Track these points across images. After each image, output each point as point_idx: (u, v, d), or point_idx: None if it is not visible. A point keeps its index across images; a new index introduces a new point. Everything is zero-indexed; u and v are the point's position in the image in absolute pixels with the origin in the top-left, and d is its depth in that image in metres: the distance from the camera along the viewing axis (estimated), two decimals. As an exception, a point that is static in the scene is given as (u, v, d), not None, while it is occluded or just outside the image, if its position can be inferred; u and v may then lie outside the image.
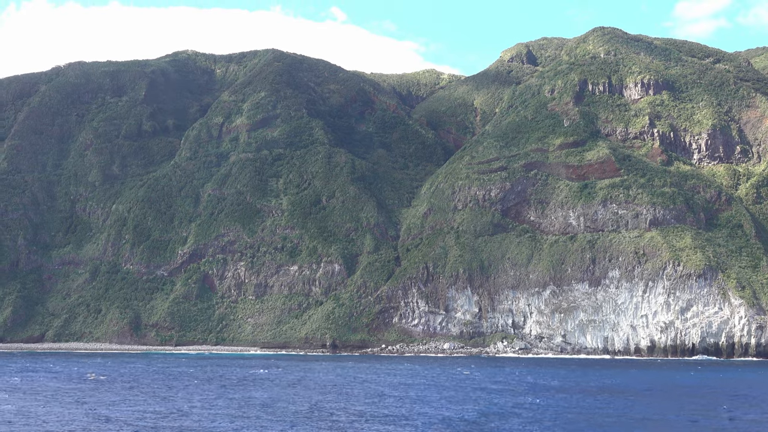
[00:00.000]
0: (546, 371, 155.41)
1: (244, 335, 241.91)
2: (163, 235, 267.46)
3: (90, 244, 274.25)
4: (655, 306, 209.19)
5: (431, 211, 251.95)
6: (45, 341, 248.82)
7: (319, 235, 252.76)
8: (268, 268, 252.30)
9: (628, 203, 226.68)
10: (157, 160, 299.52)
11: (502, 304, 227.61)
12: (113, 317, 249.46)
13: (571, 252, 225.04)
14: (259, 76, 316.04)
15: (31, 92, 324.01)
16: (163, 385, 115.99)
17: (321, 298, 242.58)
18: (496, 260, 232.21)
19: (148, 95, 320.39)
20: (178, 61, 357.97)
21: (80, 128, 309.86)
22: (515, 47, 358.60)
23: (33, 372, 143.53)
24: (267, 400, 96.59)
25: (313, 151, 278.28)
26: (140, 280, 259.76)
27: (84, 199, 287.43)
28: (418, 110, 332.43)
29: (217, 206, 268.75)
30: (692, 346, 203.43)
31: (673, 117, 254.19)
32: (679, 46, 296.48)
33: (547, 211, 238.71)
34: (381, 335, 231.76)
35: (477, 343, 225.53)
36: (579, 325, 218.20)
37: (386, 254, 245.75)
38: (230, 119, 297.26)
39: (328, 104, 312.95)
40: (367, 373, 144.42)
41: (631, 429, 75.90)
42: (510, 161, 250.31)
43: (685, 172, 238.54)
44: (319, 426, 75.65)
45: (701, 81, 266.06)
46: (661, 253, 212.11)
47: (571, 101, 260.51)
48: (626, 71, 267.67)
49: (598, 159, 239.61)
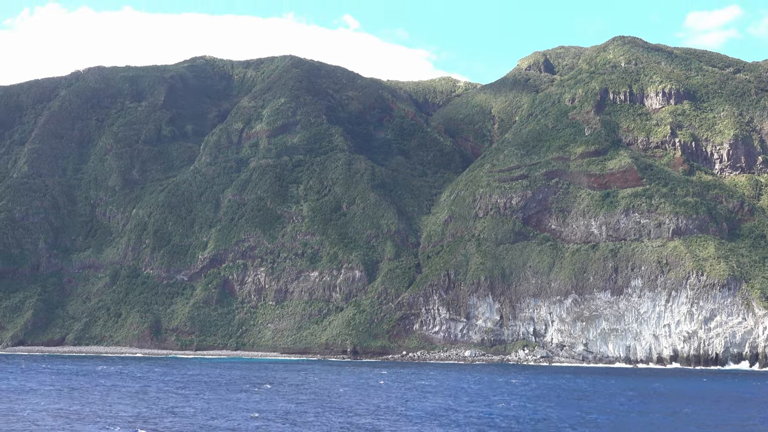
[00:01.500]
0: (600, 379, 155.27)
1: (265, 340, 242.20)
2: (183, 240, 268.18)
3: (110, 248, 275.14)
4: (678, 315, 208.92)
5: (452, 219, 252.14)
6: (65, 344, 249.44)
7: (340, 241, 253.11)
8: (289, 273, 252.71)
9: (651, 212, 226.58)
10: (177, 165, 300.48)
11: (524, 312, 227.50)
12: (134, 321, 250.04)
13: (593, 261, 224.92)
14: (279, 82, 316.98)
15: (51, 96, 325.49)
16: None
17: (341, 304, 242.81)
18: (518, 268, 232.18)
19: (167, 100, 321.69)
20: (196, 67, 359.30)
21: (100, 133, 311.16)
22: (532, 55, 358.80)
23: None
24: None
25: (332, 158, 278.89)
26: (160, 284, 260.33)
27: (104, 203, 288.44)
28: (435, 117, 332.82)
29: (237, 212, 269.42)
30: (716, 356, 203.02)
31: (695, 127, 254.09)
32: (699, 55, 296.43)
33: (568, 220, 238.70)
34: (402, 342, 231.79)
35: (498, 351, 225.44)
36: (601, 334, 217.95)
37: (407, 261, 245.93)
38: (250, 125, 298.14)
39: (347, 111, 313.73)
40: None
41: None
42: (531, 169, 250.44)
43: (707, 182, 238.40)
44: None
45: (722, 91, 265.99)
46: (685, 262, 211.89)
47: (592, 110, 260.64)
48: (647, 80, 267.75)
49: (620, 168, 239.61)
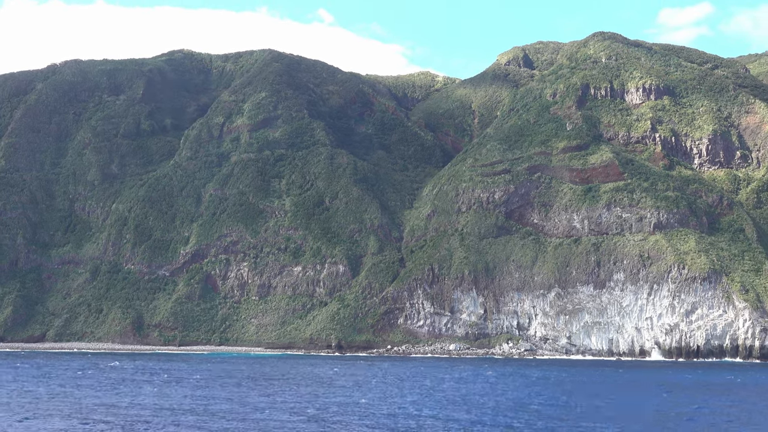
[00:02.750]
0: (596, 372, 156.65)
1: (248, 335, 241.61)
2: (164, 235, 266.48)
3: (90, 243, 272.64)
4: (660, 308, 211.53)
5: (435, 213, 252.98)
6: (46, 341, 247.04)
7: (323, 236, 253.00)
8: (272, 268, 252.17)
9: (632, 207, 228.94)
10: (156, 160, 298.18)
11: (507, 305, 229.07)
12: (115, 317, 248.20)
13: (576, 255, 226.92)
14: (259, 76, 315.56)
15: (27, 90, 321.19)
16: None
17: (325, 299, 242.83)
18: (501, 262, 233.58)
19: (146, 94, 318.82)
20: (174, 60, 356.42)
21: (78, 127, 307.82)
22: (512, 51, 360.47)
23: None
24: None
25: (314, 152, 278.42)
26: (142, 279, 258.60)
27: (83, 198, 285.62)
28: (415, 112, 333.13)
29: (219, 206, 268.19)
30: (697, 348, 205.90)
31: (675, 122, 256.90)
32: (677, 51, 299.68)
33: (550, 214, 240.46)
34: (386, 336, 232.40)
35: (482, 345, 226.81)
36: (584, 327, 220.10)
37: (390, 256, 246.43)
38: (231, 119, 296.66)
39: (328, 105, 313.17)
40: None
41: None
42: (513, 164, 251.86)
43: (687, 177, 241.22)
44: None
45: (701, 87, 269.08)
46: (666, 256, 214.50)
47: (573, 105, 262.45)
48: (627, 76, 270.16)
49: (601, 163, 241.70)
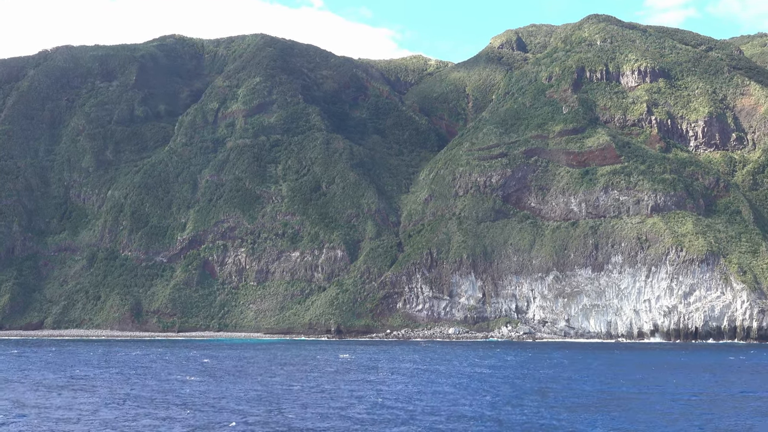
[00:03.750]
0: (619, 355, 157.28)
1: (247, 321, 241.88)
2: (161, 222, 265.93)
3: (86, 230, 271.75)
4: (658, 291, 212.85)
5: (432, 198, 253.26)
6: (44, 328, 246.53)
7: (321, 221, 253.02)
8: (270, 254, 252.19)
9: (630, 189, 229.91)
10: (151, 146, 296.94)
11: (506, 289, 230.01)
12: (113, 304, 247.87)
13: (574, 238, 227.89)
14: (253, 61, 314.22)
15: (18, 76, 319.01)
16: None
17: (324, 284, 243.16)
18: (499, 246, 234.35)
19: (139, 80, 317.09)
20: (166, 46, 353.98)
21: (71, 113, 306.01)
22: (504, 34, 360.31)
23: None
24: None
25: (310, 137, 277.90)
26: (139, 266, 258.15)
27: (78, 185, 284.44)
28: (409, 96, 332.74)
29: (215, 192, 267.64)
30: (695, 330, 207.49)
31: (670, 104, 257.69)
32: (671, 33, 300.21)
33: (547, 198, 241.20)
34: (385, 320, 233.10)
35: (481, 328, 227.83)
36: (582, 310, 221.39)
37: (388, 240, 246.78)
38: (225, 105, 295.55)
39: (322, 90, 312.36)
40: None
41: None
42: (510, 147, 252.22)
43: (683, 159, 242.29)
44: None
45: (696, 69, 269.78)
46: (664, 238, 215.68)
47: (569, 88, 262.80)
48: (623, 58, 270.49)
49: (598, 146, 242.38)
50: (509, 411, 74.31)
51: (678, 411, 74.93)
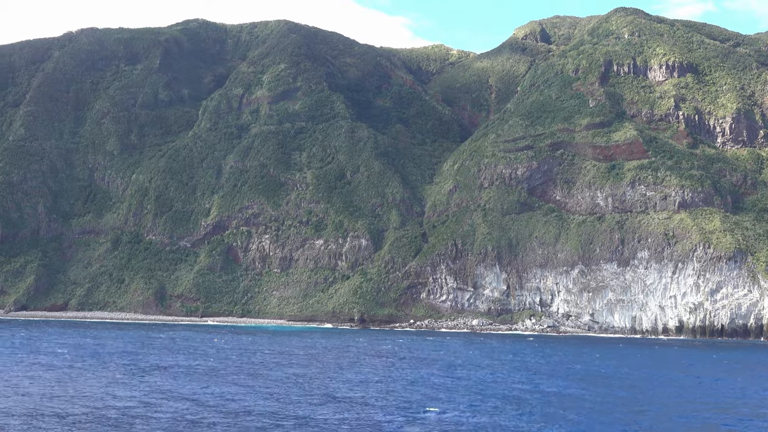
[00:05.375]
0: (661, 351, 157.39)
1: (270, 308, 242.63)
2: (185, 206, 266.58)
3: (110, 213, 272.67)
4: (684, 287, 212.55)
5: (457, 188, 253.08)
6: (68, 310, 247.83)
7: (345, 209, 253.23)
8: (293, 241, 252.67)
9: (657, 185, 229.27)
10: (174, 130, 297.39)
11: (530, 282, 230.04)
12: (137, 287, 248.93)
13: (600, 232, 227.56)
14: (277, 47, 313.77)
15: (44, 58, 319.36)
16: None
17: (347, 273, 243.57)
18: (524, 238, 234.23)
19: (163, 64, 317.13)
20: (190, 30, 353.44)
21: (95, 96, 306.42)
22: (528, 25, 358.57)
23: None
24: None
25: (335, 126, 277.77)
26: (163, 250, 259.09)
27: (102, 167, 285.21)
28: (432, 86, 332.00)
29: (240, 178, 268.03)
30: (721, 327, 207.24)
31: (698, 100, 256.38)
32: (699, 28, 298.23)
33: (573, 191, 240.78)
34: (408, 310, 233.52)
35: (505, 320, 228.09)
36: (607, 305, 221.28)
37: (412, 230, 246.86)
38: (250, 91, 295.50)
39: (346, 78, 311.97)
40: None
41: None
42: (536, 140, 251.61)
43: (711, 155, 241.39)
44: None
45: (724, 64, 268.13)
46: (691, 235, 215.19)
47: (596, 81, 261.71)
48: (651, 53, 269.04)
49: (625, 140, 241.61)
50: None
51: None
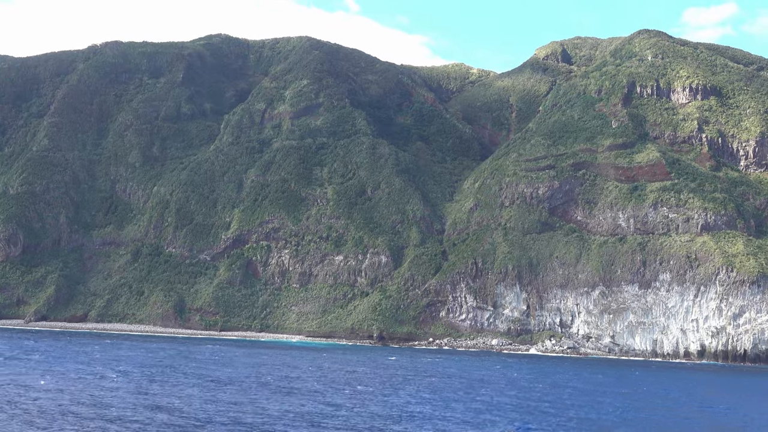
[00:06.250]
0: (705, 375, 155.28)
1: (289, 323, 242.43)
2: (206, 219, 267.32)
3: (131, 225, 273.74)
4: (706, 311, 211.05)
5: (478, 207, 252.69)
6: (88, 321, 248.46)
7: (365, 225, 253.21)
8: (313, 256, 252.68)
9: (679, 207, 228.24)
10: (196, 144, 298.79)
11: (551, 302, 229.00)
12: (157, 300, 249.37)
13: (621, 253, 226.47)
14: (300, 63, 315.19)
15: (68, 70, 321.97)
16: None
17: (367, 289, 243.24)
18: (545, 258, 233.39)
19: (186, 78, 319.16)
20: (212, 45, 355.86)
21: (119, 108, 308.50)
22: (550, 45, 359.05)
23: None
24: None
25: (356, 142, 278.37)
26: (183, 263, 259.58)
27: (124, 179, 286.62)
28: (452, 104, 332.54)
29: (260, 192, 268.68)
30: (744, 352, 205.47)
31: (721, 123, 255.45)
32: (722, 51, 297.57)
33: (594, 212, 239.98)
34: (428, 329, 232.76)
35: (524, 341, 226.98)
36: (628, 327, 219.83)
37: (432, 248, 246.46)
38: (272, 106, 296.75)
39: (368, 95, 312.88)
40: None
41: None
42: (558, 160, 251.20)
43: (734, 179, 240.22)
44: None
45: (748, 88, 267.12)
46: (714, 258, 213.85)
47: (619, 102, 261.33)
48: (674, 75, 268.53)
49: (648, 162, 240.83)
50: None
51: None
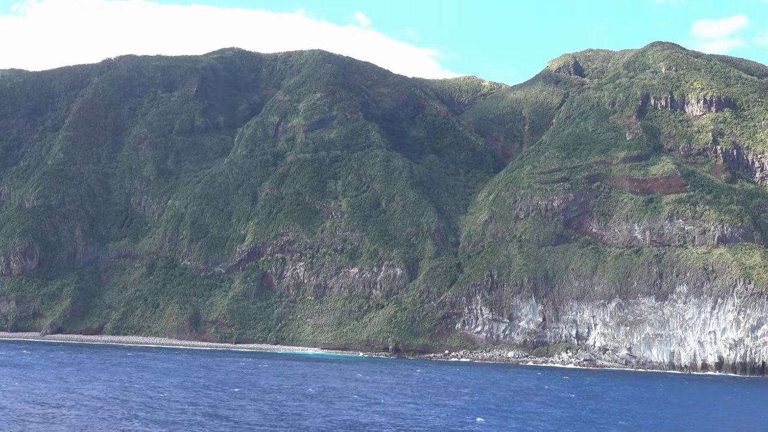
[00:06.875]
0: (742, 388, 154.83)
1: (304, 335, 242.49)
2: (220, 232, 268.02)
3: (146, 238, 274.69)
4: (724, 323, 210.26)
5: (492, 219, 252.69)
6: (104, 333, 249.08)
7: (380, 238, 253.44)
8: (328, 269, 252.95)
9: (695, 219, 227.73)
10: (210, 157, 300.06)
11: (567, 314, 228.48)
12: (172, 312, 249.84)
13: (637, 265, 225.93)
14: (313, 76, 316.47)
15: (83, 84, 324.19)
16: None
17: (382, 302, 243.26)
18: (560, 270, 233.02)
19: (200, 91, 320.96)
20: (225, 58, 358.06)
21: (133, 121, 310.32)
22: (562, 57, 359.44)
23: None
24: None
25: (370, 154, 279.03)
26: (198, 276, 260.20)
27: (139, 192, 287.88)
28: (465, 116, 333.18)
29: (275, 205, 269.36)
30: (762, 365, 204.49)
31: (736, 135, 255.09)
32: (736, 63, 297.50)
33: (610, 224, 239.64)
34: (443, 341, 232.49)
35: (540, 353, 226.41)
36: (645, 339, 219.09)
37: (447, 260, 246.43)
38: (286, 119, 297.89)
39: (381, 107, 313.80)
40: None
41: None
42: (572, 172, 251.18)
43: (750, 190, 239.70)
44: None
45: (762, 100, 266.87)
46: (731, 270, 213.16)
47: (633, 115, 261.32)
48: (688, 87, 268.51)
49: (663, 174, 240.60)
50: None
51: None
